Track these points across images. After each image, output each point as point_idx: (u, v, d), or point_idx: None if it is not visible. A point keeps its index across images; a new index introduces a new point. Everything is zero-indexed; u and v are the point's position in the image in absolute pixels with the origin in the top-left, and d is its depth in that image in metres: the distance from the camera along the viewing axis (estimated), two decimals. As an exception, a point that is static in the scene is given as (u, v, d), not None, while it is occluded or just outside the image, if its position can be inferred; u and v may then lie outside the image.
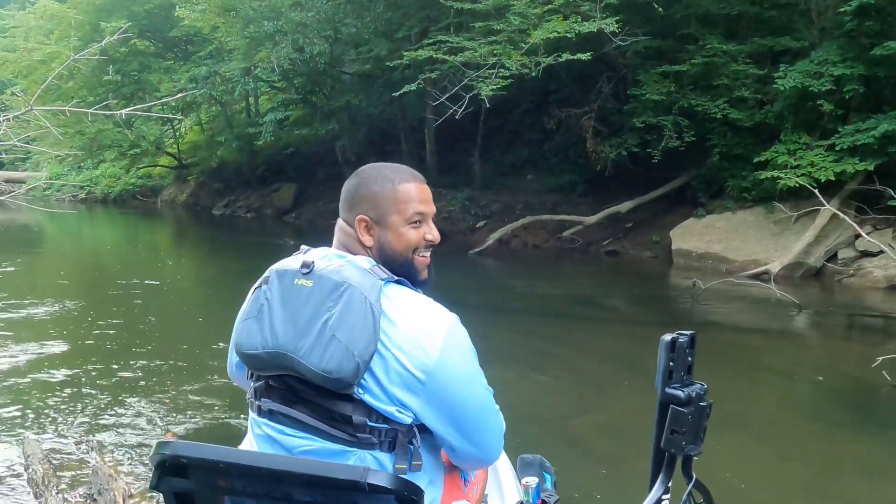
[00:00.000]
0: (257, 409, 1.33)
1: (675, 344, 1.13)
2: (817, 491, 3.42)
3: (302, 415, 1.26)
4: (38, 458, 3.34)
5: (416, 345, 1.24)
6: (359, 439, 1.24)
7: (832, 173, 9.03)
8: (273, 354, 1.24)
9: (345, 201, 1.41)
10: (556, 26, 9.58)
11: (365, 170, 1.43)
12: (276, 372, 1.27)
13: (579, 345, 6.18)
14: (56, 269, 10.86)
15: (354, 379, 1.20)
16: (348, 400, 1.23)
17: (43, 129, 6.81)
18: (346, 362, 1.19)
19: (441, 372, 1.25)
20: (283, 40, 13.74)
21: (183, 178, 23.78)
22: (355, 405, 1.23)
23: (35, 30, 22.26)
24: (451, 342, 1.27)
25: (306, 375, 1.22)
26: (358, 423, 1.23)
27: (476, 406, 1.33)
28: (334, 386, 1.21)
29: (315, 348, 1.20)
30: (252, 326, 1.28)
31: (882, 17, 9.30)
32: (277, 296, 1.28)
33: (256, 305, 1.30)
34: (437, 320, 1.29)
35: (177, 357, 5.42)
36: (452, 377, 1.27)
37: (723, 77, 10.45)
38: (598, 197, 12.45)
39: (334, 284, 1.24)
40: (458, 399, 1.29)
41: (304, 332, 1.22)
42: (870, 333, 6.82)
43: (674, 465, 1.15)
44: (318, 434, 1.25)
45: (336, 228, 1.42)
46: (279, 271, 1.31)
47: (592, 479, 3.39)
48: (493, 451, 1.40)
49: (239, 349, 1.30)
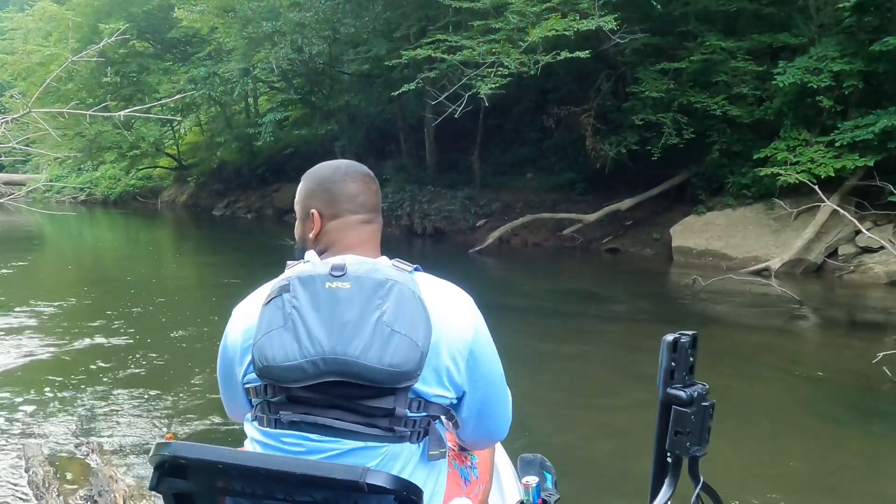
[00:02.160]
0: (273, 422, 1.26)
1: (676, 344, 1.12)
2: (819, 487, 3.41)
3: (329, 419, 1.22)
4: (39, 461, 3.34)
5: (454, 324, 1.28)
6: (395, 432, 1.22)
7: (832, 169, 9.02)
8: (318, 362, 1.18)
9: (373, 202, 1.46)
10: (554, 24, 9.57)
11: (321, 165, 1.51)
12: (319, 380, 1.20)
13: (580, 343, 6.18)
14: (56, 271, 10.86)
15: (419, 369, 1.20)
16: (392, 393, 1.21)
17: (42, 131, 6.81)
18: (412, 353, 1.19)
19: (478, 346, 1.32)
20: (281, 41, 13.74)
21: (183, 179, 23.79)
22: (397, 397, 1.21)
23: (34, 32, 22.25)
24: (479, 318, 1.35)
25: (365, 375, 1.17)
26: (399, 414, 1.21)
27: (501, 375, 1.40)
28: (398, 380, 1.19)
29: (372, 346, 1.17)
30: (283, 337, 1.20)
31: (881, 12, 9.30)
32: (307, 302, 1.21)
33: (280, 315, 1.21)
34: (462, 299, 1.35)
35: (177, 358, 5.42)
36: (487, 349, 1.34)
37: (722, 74, 10.45)
38: (597, 195, 12.45)
39: (377, 282, 1.22)
40: (492, 370, 1.36)
41: (355, 332, 1.18)
42: (870, 329, 6.81)
43: (680, 466, 1.14)
44: (347, 435, 1.22)
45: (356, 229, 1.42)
46: (301, 278, 1.24)
47: (593, 479, 3.38)
48: (507, 424, 1.47)
49: (269, 363, 1.20)
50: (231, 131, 20.44)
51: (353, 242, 1.41)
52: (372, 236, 1.44)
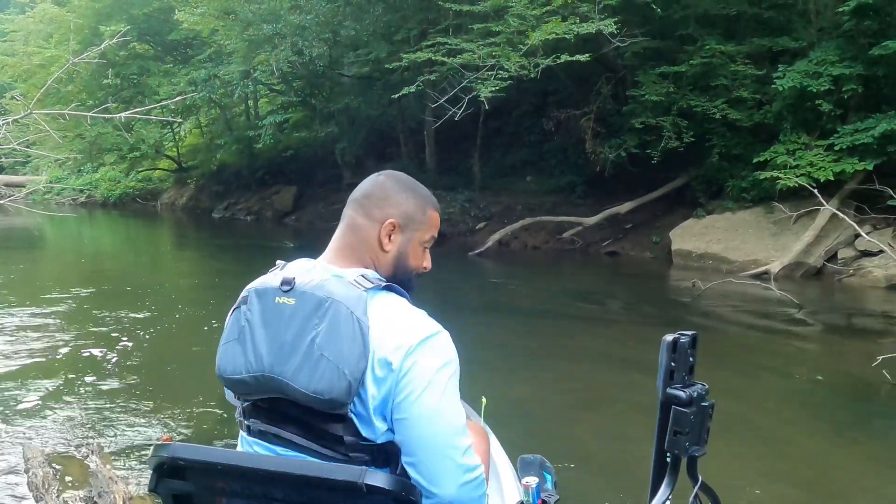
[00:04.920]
0: (247, 428, 1.29)
1: (676, 344, 1.13)
2: (817, 491, 3.41)
3: (293, 435, 1.23)
4: (39, 462, 3.34)
5: (386, 353, 1.18)
6: (351, 459, 1.19)
7: (831, 173, 9.02)
8: (258, 378, 1.20)
9: (373, 198, 1.34)
10: (554, 27, 9.58)
11: (399, 176, 1.39)
12: (262, 395, 1.23)
13: (580, 345, 6.18)
14: (56, 272, 10.85)
15: (347, 398, 1.15)
16: (339, 420, 1.18)
17: (42, 133, 6.81)
18: (338, 381, 1.14)
19: (409, 377, 1.17)
20: (282, 43, 13.75)
21: (183, 181, 23.78)
22: (346, 424, 1.18)
23: (34, 34, 22.29)
24: (427, 345, 1.20)
25: (295, 397, 1.18)
26: (349, 442, 1.19)
27: (433, 414, 1.18)
28: (326, 407, 1.16)
29: (303, 369, 1.15)
30: (234, 350, 1.24)
31: (880, 16, 9.31)
32: (258, 316, 1.23)
33: (237, 328, 1.26)
34: (416, 325, 1.22)
35: (176, 360, 5.42)
36: (418, 383, 1.17)
37: (721, 77, 10.45)
38: (597, 198, 12.45)
39: (318, 301, 1.18)
40: (420, 410, 1.17)
41: (291, 353, 1.17)
42: (870, 333, 6.82)
43: (678, 466, 1.15)
44: (311, 454, 1.22)
45: (348, 226, 1.35)
46: (258, 290, 1.26)
47: (593, 479, 3.38)
48: (450, 480, 1.20)
49: (222, 374, 1.26)
50: (231, 133, 20.44)
51: (332, 245, 1.37)
52: (338, 235, 1.36)
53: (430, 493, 1.20)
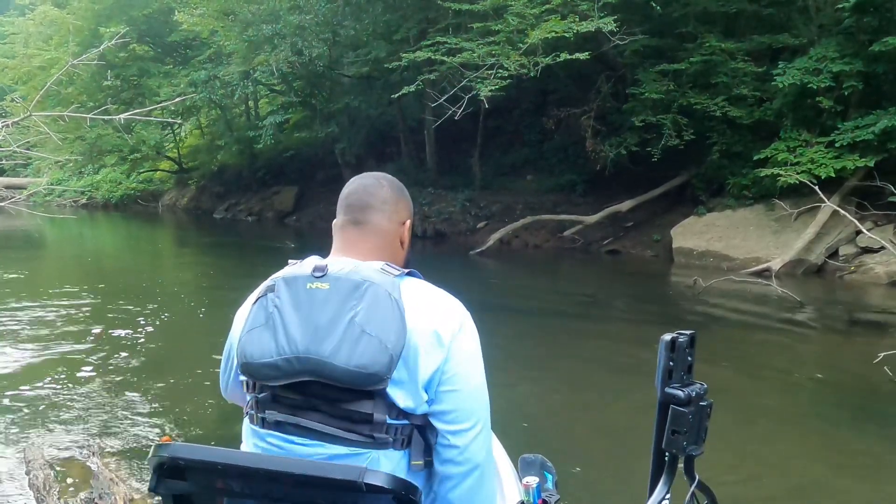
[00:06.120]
0: (260, 421, 1.28)
1: (674, 343, 1.13)
2: (818, 488, 3.41)
3: (312, 422, 1.23)
4: (40, 464, 3.34)
5: (428, 331, 1.25)
6: (375, 439, 1.22)
7: (832, 170, 9.02)
8: (291, 361, 1.20)
9: (389, 202, 1.43)
10: (553, 26, 9.58)
11: (392, 179, 1.49)
12: (293, 379, 1.22)
13: (580, 344, 6.18)
14: (57, 274, 10.86)
15: (388, 373, 1.19)
16: (369, 398, 1.21)
17: (43, 135, 6.82)
18: (380, 355, 1.18)
19: (454, 354, 1.28)
20: (281, 43, 13.75)
21: (184, 182, 23.80)
22: (376, 402, 1.21)
23: (34, 36, 22.30)
24: (463, 327, 1.31)
25: (334, 375, 1.19)
26: (378, 420, 1.21)
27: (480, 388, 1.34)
28: (366, 382, 1.18)
29: (342, 348, 1.18)
30: (262, 335, 1.23)
31: (880, 13, 9.30)
32: (288, 302, 1.24)
33: (263, 314, 1.25)
34: (450, 308, 1.32)
35: (177, 361, 5.42)
36: (462, 357, 1.29)
37: (722, 75, 10.45)
38: (598, 196, 12.45)
39: (354, 284, 1.24)
40: (467, 381, 1.30)
41: (328, 333, 1.20)
42: (871, 330, 6.81)
43: (676, 465, 1.15)
44: (330, 440, 1.23)
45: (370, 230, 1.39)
46: (285, 278, 1.28)
47: (594, 479, 3.38)
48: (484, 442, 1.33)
49: (249, 360, 1.24)
50: (231, 134, 20.45)
51: (339, 245, 1.41)
52: (359, 238, 1.40)
53: (462, 460, 1.30)
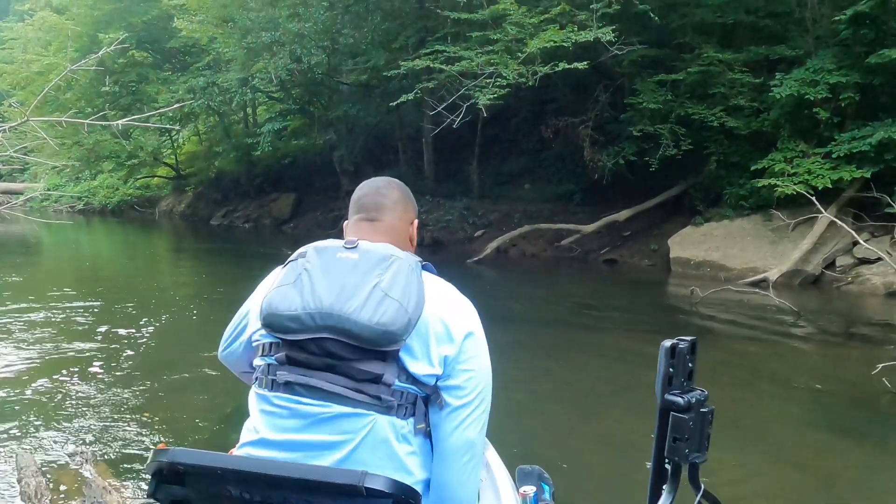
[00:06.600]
0: (270, 383, 1.32)
1: (675, 350, 1.11)
2: (817, 500, 3.39)
3: (322, 382, 1.27)
4: (32, 471, 3.31)
5: (453, 313, 1.34)
6: (381, 401, 1.26)
7: (829, 181, 9.04)
8: (314, 315, 1.26)
9: (400, 202, 1.53)
10: (552, 36, 9.62)
11: (399, 182, 1.59)
12: (313, 334, 1.27)
13: (577, 353, 6.16)
14: (52, 280, 10.82)
15: (405, 334, 1.25)
16: (382, 359, 1.26)
17: (40, 140, 6.81)
18: (400, 316, 1.25)
19: (473, 339, 1.35)
20: (280, 51, 13.78)
21: (181, 188, 23.79)
22: (387, 364, 1.26)
23: (33, 41, 22.29)
24: (476, 319, 1.40)
25: (354, 331, 1.24)
26: (387, 381, 1.26)
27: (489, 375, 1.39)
28: (383, 340, 1.24)
29: (365, 307, 1.25)
30: (289, 291, 1.31)
31: (876, 25, 9.35)
32: (318, 266, 1.33)
33: (293, 274, 1.33)
34: (466, 302, 1.41)
35: (172, 367, 5.39)
36: (481, 345, 1.37)
37: (719, 86, 10.49)
38: (595, 206, 12.46)
39: (382, 256, 1.33)
40: (482, 366, 1.36)
41: (353, 294, 1.27)
42: (869, 341, 6.80)
43: (679, 474, 1.13)
44: (337, 399, 1.27)
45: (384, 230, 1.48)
46: (317, 247, 1.37)
47: (591, 490, 3.36)
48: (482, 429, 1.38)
49: (272, 311, 1.30)
50: (229, 141, 20.45)
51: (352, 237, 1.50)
52: (374, 233, 1.48)
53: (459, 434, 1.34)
